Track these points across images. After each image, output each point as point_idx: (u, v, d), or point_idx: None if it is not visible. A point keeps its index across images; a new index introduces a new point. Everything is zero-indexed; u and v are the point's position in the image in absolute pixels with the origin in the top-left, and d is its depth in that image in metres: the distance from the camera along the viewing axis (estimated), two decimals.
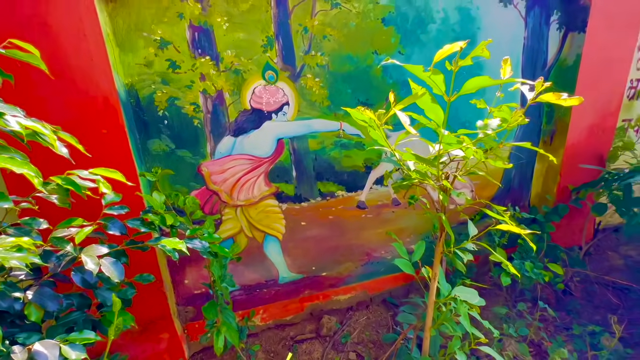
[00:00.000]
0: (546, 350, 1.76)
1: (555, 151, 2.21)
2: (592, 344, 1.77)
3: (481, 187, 2.19)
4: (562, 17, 1.96)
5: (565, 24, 1.98)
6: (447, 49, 0.81)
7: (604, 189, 2.01)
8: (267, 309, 1.96)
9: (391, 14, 1.64)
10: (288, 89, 1.62)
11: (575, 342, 1.81)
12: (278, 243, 1.86)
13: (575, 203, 2.17)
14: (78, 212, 0.87)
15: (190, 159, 1.58)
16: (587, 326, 1.84)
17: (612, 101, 2.15)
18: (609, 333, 1.74)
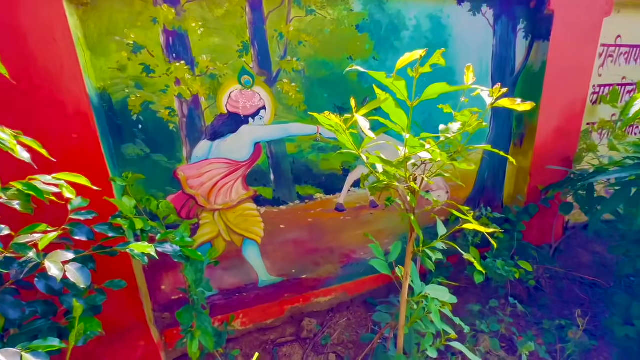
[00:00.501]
0: (518, 344, 1.83)
1: (525, 153, 2.31)
2: (560, 337, 1.86)
3: (457, 188, 2.26)
4: (528, 26, 2.06)
5: (531, 32, 2.09)
6: (408, 57, 0.85)
7: (570, 188, 2.11)
8: (247, 313, 1.95)
9: (365, 21, 1.69)
10: (264, 94, 1.64)
11: (545, 336, 1.89)
12: (257, 247, 1.86)
13: (544, 203, 2.27)
14: (43, 218, 0.86)
15: (166, 163, 1.57)
16: (556, 320, 1.92)
17: (576, 105, 2.26)
18: (575, 326, 1.82)
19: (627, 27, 2.36)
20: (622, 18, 2.32)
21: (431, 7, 1.80)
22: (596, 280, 2.21)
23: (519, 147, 2.33)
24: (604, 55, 2.39)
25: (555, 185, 2.19)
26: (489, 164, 2.30)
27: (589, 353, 1.80)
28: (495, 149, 2.25)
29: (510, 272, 1.80)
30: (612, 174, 1.67)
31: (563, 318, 2.02)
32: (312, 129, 1.75)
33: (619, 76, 2.51)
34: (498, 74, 2.10)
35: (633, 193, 1.66)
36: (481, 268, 1.28)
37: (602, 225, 1.95)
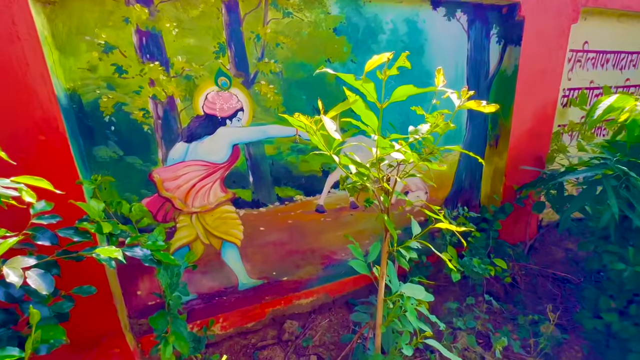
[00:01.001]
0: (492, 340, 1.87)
1: (500, 154, 2.38)
2: (534, 332, 1.92)
3: (436, 189, 2.31)
4: (500, 31, 2.13)
5: (503, 37, 2.16)
6: (376, 60, 0.86)
7: (542, 188, 2.19)
8: (227, 317, 1.93)
9: (342, 24, 1.71)
10: (242, 95, 1.63)
11: (519, 331, 1.94)
12: (236, 249, 1.84)
13: (519, 202, 2.35)
14: (2, 223, 0.83)
15: (140, 165, 1.54)
16: (530, 316, 1.98)
17: (548, 108, 2.35)
18: (547, 321, 1.88)
19: (593, 34, 2.48)
20: (589, 25, 2.43)
21: (407, 11, 1.84)
22: (568, 277, 2.30)
23: (494, 148, 2.40)
24: (572, 60, 2.50)
25: (528, 185, 2.26)
26: (466, 165, 2.36)
27: (560, 346, 1.86)
28: (472, 150, 2.32)
29: (485, 270, 1.84)
30: (580, 173, 1.74)
31: (537, 313, 2.08)
32: (291, 130, 1.76)
33: (587, 80, 2.63)
34: (473, 77, 2.16)
35: (599, 191, 1.74)
36: (452, 266, 1.31)
37: (572, 223, 2.03)
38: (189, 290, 1.80)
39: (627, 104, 1.71)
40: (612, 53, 2.65)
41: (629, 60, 2.77)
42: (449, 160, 2.29)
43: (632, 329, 1.65)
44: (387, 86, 0.93)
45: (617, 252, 1.65)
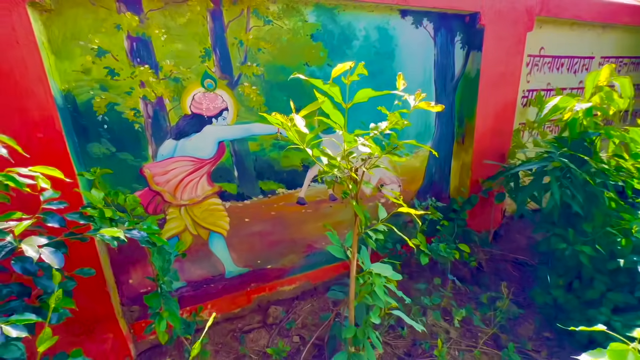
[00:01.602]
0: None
1: (467, 150, 2.60)
2: (493, 307, 2.14)
3: (408, 182, 2.51)
4: (464, 37, 2.35)
5: (467, 43, 2.37)
6: (341, 67, 1.03)
7: (502, 180, 2.43)
8: (215, 304, 2.06)
9: (319, 31, 1.87)
10: (227, 96, 1.77)
11: (481, 308, 2.16)
12: (223, 239, 1.98)
13: (484, 194, 2.58)
14: (17, 209, 0.95)
15: (132, 161, 1.65)
16: (490, 293, 2.21)
17: (508, 108, 2.59)
18: (505, 298, 2.11)
19: (548, 40, 2.74)
20: (544, 32, 2.68)
21: (378, 19, 2.02)
22: (526, 260, 2.54)
23: (461, 144, 2.62)
24: (530, 64, 2.75)
25: (490, 177, 2.49)
26: (435, 161, 2.57)
27: (516, 320, 2.09)
28: (441, 146, 2.53)
29: (450, 254, 2.05)
30: (530, 165, 1.97)
31: (497, 292, 2.31)
32: (273, 128, 1.90)
33: (545, 82, 2.89)
34: (440, 79, 2.37)
35: (547, 182, 1.97)
36: (425, 251, 1.49)
37: (527, 210, 2.27)
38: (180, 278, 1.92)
39: (570, 104, 1.95)
40: (566, 58, 2.93)
41: (582, 64, 3.06)
42: (420, 156, 2.49)
43: (574, 302, 1.88)
44: (363, 87, 1.10)
45: (561, 234, 1.89)
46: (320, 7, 1.84)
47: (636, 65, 3.44)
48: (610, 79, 1.87)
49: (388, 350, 1.90)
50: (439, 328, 1.98)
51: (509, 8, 2.31)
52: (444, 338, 1.91)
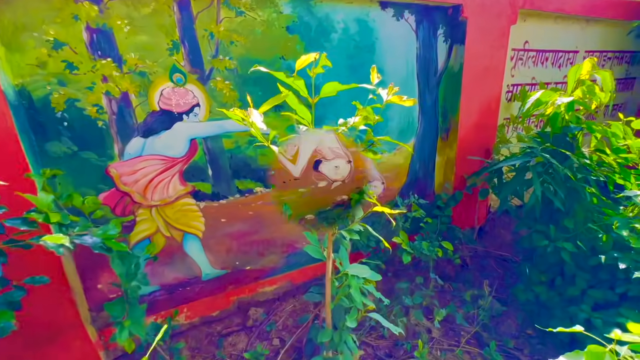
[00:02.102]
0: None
1: (451, 145, 2.56)
2: (477, 306, 2.11)
3: (392, 179, 2.46)
4: (446, 30, 2.30)
5: (450, 37, 2.32)
6: (305, 59, 0.96)
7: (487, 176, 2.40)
8: (191, 307, 1.99)
9: (295, 23, 1.80)
10: (198, 91, 1.68)
11: (465, 306, 2.14)
12: (198, 241, 1.90)
13: (468, 190, 2.55)
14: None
15: (96, 160, 1.56)
16: (474, 291, 2.18)
17: (492, 103, 2.56)
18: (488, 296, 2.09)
19: (532, 34, 2.71)
20: (528, 26, 2.65)
21: (357, 11, 1.95)
22: (509, 257, 2.53)
23: (445, 140, 2.58)
24: (515, 59, 2.72)
25: (475, 173, 2.46)
26: (419, 157, 2.53)
27: (499, 317, 2.07)
28: (425, 142, 2.48)
29: (433, 252, 2.01)
30: (513, 161, 1.94)
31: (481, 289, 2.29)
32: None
33: (529, 77, 2.86)
34: (423, 74, 2.32)
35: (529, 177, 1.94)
36: (407, 249, 1.44)
37: (511, 206, 2.25)
38: (153, 281, 1.85)
39: (552, 98, 1.92)
40: (551, 52, 2.90)
41: (567, 58, 3.04)
42: (404, 153, 2.44)
43: (556, 298, 1.87)
44: (341, 82, 1.01)
45: (543, 231, 1.86)
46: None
47: (619, 60, 3.44)
48: (592, 72, 1.84)
49: (369, 352, 1.86)
50: (421, 327, 1.95)
51: (492, 0, 2.26)
52: (426, 338, 1.88)
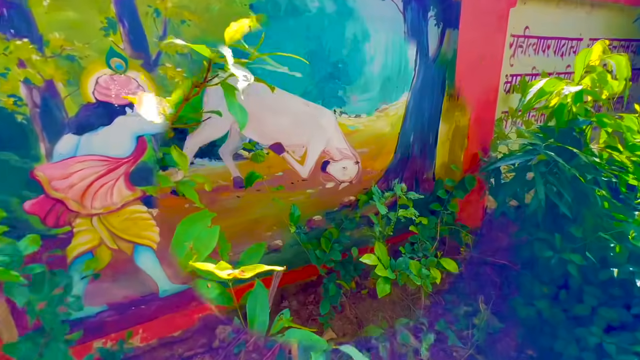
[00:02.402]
0: (434, 332, 1.82)
1: (463, 108, 2.09)
2: (471, 323, 1.89)
3: (370, 157, 1.84)
4: (438, 13, 2.04)
5: (442, 20, 2.07)
6: (237, 28, 0.72)
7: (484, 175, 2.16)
8: (148, 327, 1.75)
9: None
10: (143, 80, 1.43)
11: (458, 322, 1.91)
12: (152, 253, 1.66)
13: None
14: None
15: (16, 162, 1.30)
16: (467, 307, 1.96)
17: (489, 94, 2.32)
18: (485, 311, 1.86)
19: (533, 19, 2.46)
20: (529, 9, 2.40)
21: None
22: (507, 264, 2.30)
23: (455, 99, 2.04)
24: (514, 46, 2.47)
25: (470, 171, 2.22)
26: (415, 124, 1.88)
27: (496, 335, 1.85)
28: (424, 100, 1.93)
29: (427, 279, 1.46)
30: (512, 159, 1.70)
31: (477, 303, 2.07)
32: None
33: (530, 66, 2.62)
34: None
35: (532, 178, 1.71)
36: (385, 274, 1.12)
37: (510, 209, 2.02)
38: (98, 301, 1.60)
39: (557, 87, 1.68)
40: (553, 39, 2.66)
41: (570, 46, 2.80)
42: (391, 116, 1.74)
43: (560, 315, 1.64)
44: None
45: (546, 239, 1.63)
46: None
47: (625, 48, 3.20)
48: (604, 57, 1.60)
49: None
50: (408, 349, 1.72)
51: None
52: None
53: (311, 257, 1.59)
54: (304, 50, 1.38)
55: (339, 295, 1.61)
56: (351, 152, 1.53)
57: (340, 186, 1.65)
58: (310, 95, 1.33)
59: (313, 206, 1.65)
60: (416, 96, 1.74)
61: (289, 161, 1.39)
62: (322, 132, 1.34)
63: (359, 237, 1.89)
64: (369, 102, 1.57)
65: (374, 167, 1.84)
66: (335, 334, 1.68)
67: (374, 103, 1.61)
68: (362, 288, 1.92)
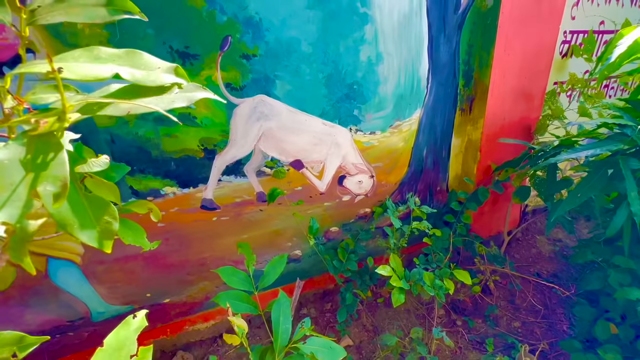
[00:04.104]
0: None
1: (475, 122, 1.76)
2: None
3: (384, 171, 1.70)
4: None
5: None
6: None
7: (529, 168, 1.60)
8: (80, 357, 1.38)
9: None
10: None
11: (485, 356, 1.44)
12: (76, 268, 1.25)
13: (496, 187, 1.76)
14: None
15: None
16: (503, 338, 1.47)
17: (542, 57, 1.71)
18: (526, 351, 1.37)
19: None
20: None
21: None
22: (553, 286, 1.77)
23: (467, 113, 1.78)
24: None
25: (509, 163, 1.67)
26: (428, 138, 1.75)
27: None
28: (437, 116, 1.66)
29: (441, 290, 1.29)
30: (582, 150, 1.14)
31: (512, 333, 1.58)
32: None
33: (596, 21, 1.96)
34: (436, 9, 1.49)
35: (609, 177, 1.15)
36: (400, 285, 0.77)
37: (566, 218, 1.47)
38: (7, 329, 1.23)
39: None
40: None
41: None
42: (404, 132, 1.66)
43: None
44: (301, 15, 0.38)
45: (629, 270, 1.09)
46: None
47: None
48: None
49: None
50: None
51: None
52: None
53: (329, 267, 1.58)
54: (322, 74, 1.32)
55: (356, 303, 1.60)
56: (366, 166, 1.61)
57: (356, 199, 1.69)
58: (328, 115, 1.39)
59: (330, 218, 1.67)
60: (428, 112, 1.67)
61: (308, 176, 1.49)
62: (339, 149, 1.46)
63: (374, 247, 1.87)
64: (383, 120, 1.52)
65: (388, 181, 1.74)
66: (352, 341, 1.64)
67: (388, 120, 1.54)
68: (377, 297, 1.83)
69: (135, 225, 0.82)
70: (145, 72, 0.43)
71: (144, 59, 0.45)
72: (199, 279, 1.49)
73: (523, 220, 2.17)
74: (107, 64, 0.43)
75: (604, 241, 1.22)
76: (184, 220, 1.36)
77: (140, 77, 0.42)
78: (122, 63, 0.43)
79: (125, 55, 0.44)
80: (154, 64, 0.45)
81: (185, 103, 0.44)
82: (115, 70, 0.41)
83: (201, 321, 1.58)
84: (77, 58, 0.44)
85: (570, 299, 1.65)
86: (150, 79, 0.43)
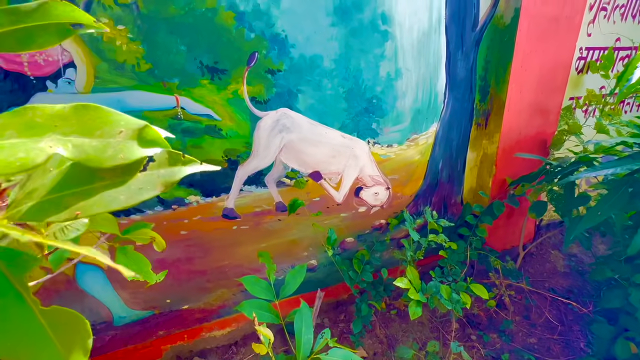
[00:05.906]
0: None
1: (490, 136, 1.78)
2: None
3: (400, 183, 1.72)
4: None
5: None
6: None
7: (546, 183, 1.61)
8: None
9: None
10: (69, 42, 1.01)
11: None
12: (102, 273, 1.29)
13: (512, 201, 1.77)
14: None
15: None
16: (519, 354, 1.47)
17: (558, 73, 1.73)
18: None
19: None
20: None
21: None
22: (570, 303, 1.75)
23: (483, 128, 1.80)
24: (595, 8, 1.84)
25: (525, 177, 1.68)
26: (444, 152, 1.77)
27: None
28: (453, 130, 1.69)
29: (458, 303, 1.30)
30: (602, 169, 1.15)
31: (528, 349, 1.57)
32: (164, 100, 1.15)
33: (612, 37, 1.98)
34: (455, 26, 1.52)
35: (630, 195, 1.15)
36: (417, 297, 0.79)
37: (583, 234, 1.47)
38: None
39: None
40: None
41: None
42: (420, 145, 1.68)
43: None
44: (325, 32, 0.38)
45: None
46: None
47: None
48: None
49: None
50: None
51: None
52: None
53: (345, 277, 1.59)
54: (342, 89, 1.36)
55: (371, 315, 1.60)
56: (383, 178, 1.63)
57: (372, 210, 1.69)
58: (347, 128, 1.43)
59: (346, 229, 1.69)
60: (445, 126, 1.71)
61: (326, 187, 1.52)
62: (357, 161, 1.50)
63: (388, 258, 1.85)
64: (400, 133, 1.54)
65: (404, 193, 1.75)
66: (367, 353, 1.63)
67: (405, 133, 1.56)
68: (391, 308, 1.82)
69: (138, 256, 0.76)
70: (100, 143, 0.30)
71: (101, 117, 0.31)
72: (217, 286, 1.52)
73: (537, 234, 2.16)
74: (44, 135, 0.28)
75: (629, 267, 1.21)
76: (205, 229, 1.39)
77: (93, 152, 0.29)
78: (67, 131, 0.29)
79: (74, 114, 0.30)
80: (115, 122, 0.31)
81: (159, 190, 0.33)
82: (55, 149, 0.28)
83: (217, 328, 1.60)
84: (1, 131, 0.27)
85: (588, 316, 1.64)
86: (107, 155, 0.29)
